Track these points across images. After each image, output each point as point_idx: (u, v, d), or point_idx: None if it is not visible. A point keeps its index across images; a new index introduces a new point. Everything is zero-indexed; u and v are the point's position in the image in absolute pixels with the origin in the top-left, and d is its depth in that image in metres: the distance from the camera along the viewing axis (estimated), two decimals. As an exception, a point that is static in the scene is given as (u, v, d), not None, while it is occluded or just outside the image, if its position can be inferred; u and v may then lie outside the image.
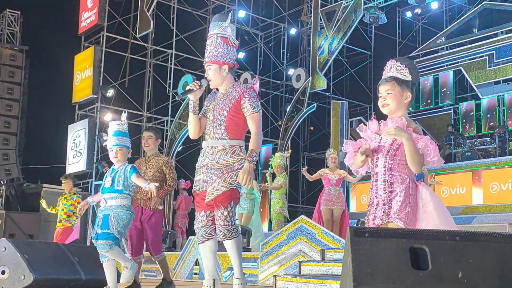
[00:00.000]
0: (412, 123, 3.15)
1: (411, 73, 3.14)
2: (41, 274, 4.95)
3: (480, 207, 10.10)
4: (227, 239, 4.00)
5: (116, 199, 4.64)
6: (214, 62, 4.11)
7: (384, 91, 3.15)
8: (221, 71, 4.12)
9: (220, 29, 4.18)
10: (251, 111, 4.02)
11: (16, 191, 16.13)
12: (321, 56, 15.29)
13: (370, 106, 17.52)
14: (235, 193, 4.04)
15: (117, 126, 4.84)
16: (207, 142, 4.12)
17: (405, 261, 2.21)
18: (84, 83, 14.73)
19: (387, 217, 3.00)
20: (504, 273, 2.25)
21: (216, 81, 4.14)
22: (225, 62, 4.11)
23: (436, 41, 16.20)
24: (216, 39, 4.17)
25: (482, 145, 13.09)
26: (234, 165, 4.02)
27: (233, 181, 4.00)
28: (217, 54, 4.12)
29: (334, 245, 7.09)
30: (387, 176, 3.06)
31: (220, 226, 3.99)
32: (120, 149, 4.75)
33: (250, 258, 8.34)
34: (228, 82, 4.16)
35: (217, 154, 4.04)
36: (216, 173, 4.03)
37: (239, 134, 4.10)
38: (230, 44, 4.17)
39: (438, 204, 3.01)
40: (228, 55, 4.14)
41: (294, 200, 17.56)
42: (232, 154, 4.03)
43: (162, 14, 15.70)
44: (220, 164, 4.03)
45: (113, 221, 4.59)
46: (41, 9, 16.74)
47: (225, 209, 3.99)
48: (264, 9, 18.08)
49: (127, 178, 4.67)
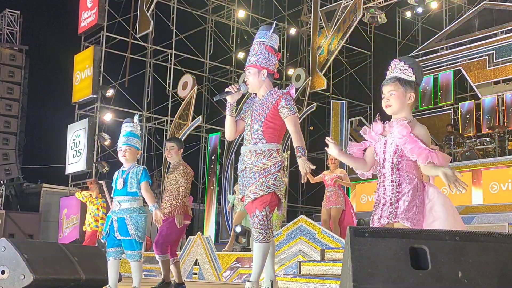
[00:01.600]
0: (417, 126, 3.09)
1: (414, 73, 3.11)
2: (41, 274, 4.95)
3: (479, 207, 10.10)
4: (257, 241, 4.08)
5: (130, 201, 4.67)
6: (254, 66, 4.24)
7: (387, 91, 3.12)
8: (260, 76, 4.23)
9: (264, 37, 4.32)
10: (287, 114, 4.12)
11: (16, 191, 16.14)
12: (321, 56, 15.29)
13: (370, 106, 17.52)
14: (271, 197, 4.11)
15: (129, 127, 4.86)
16: (246, 147, 4.24)
17: (405, 261, 2.22)
18: (84, 83, 14.73)
19: (394, 217, 2.99)
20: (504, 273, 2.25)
21: (254, 85, 4.26)
22: (264, 67, 4.23)
23: (436, 41, 16.20)
24: (259, 46, 4.30)
25: (481, 145, 13.09)
26: (270, 169, 4.11)
27: (271, 184, 4.09)
28: (257, 59, 4.25)
29: (334, 245, 7.10)
30: (394, 177, 3.06)
31: (254, 228, 4.09)
32: (129, 148, 4.76)
33: (250, 258, 8.34)
34: (266, 87, 4.26)
35: (255, 157, 4.15)
36: (254, 177, 4.14)
37: (276, 138, 4.21)
38: (272, 52, 4.30)
39: (446, 202, 2.99)
40: (268, 62, 4.27)
41: (294, 200, 17.56)
42: (269, 157, 4.13)
43: (162, 14, 15.70)
44: (257, 167, 4.13)
45: (131, 226, 4.62)
46: (41, 9, 16.77)
47: (260, 212, 4.07)
48: (263, 9, 18.08)
49: (139, 181, 4.70)
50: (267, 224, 4.09)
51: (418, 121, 3.18)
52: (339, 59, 17.35)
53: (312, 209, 16.34)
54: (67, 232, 14.30)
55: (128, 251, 4.64)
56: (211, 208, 14.82)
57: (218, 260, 8.89)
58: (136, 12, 15.08)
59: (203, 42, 17.25)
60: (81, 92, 14.83)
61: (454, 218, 2.97)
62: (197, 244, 9.27)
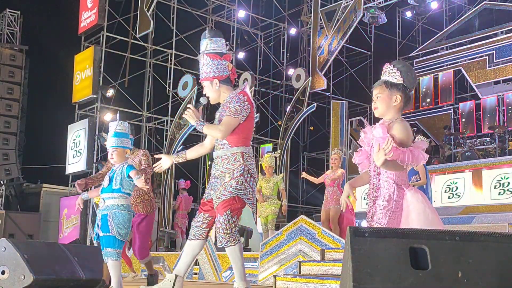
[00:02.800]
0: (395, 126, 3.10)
1: (402, 75, 3.17)
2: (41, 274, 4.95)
3: (480, 207, 10.10)
4: (222, 245, 4.14)
5: (114, 198, 4.60)
6: (205, 79, 4.29)
7: (375, 94, 3.21)
8: (213, 86, 4.27)
9: (204, 47, 4.32)
10: (225, 114, 4.15)
11: (16, 191, 16.13)
12: (321, 56, 15.29)
13: (370, 106, 17.45)
14: (233, 201, 4.13)
15: (115, 127, 4.83)
16: (214, 153, 4.31)
17: (405, 261, 2.22)
18: (84, 83, 14.72)
19: (371, 219, 3.09)
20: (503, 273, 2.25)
21: (213, 97, 4.32)
22: (214, 77, 4.25)
23: (436, 41, 16.20)
24: (203, 57, 4.31)
25: (482, 145, 13.08)
26: (234, 173, 4.15)
27: (233, 188, 4.12)
28: (206, 71, 4.27)
29: (334, 245, 7.10)
30: (375, 180, 3.16)
31: (219, 234, 4.12)
32: (116, 150, 4.73)
33: (250, 258, 8.35)
34: (226, 93, 4.28)
35: (221, 163, 4.21)
36: (220, 182, 4.19)
37: (240, 141, 4.21)
38: (217, 58, 4.29)
39: (421, 211, 3.02)
40: (217, 69, 4.27)
41: (294, 200, 17.56)
42: (233, 162, 4.17)
43: (162, 14, 15.70)
44: (223, 173, 4.19)
45: (112, 222, 4.53)
46: (41, 9, 16.77)
47: (221, 217, 4.11)
48: (264, 9, 18.07)
49: (125, 177, 4.63)
50: (230, 228, 4.12)
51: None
52: (339, 59, 17.35)
53: (312, 209, 16.34)
54: (67, 232, 14.30)
55: (106, 249, 4.52)
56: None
57: (218, 260, 8.89)
58: (136, 12, 15.07)
59: (203, 42, 17.22)
60: (81, 92, 14.83)
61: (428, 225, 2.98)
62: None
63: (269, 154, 10.38)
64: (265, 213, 9.83)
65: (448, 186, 10.80)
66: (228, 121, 4.12)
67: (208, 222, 4.25)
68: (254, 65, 17.81)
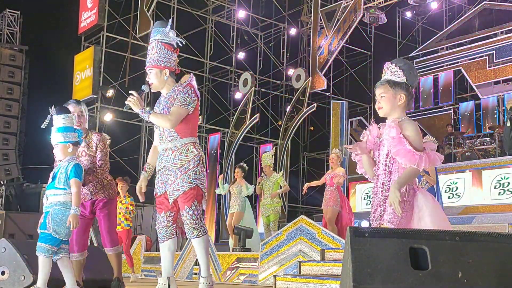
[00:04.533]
0: (406, 124, 3.11)
1: (405, 74, 3.16)
2: (41, 274, 4.94)
3: (479, 207, 10.09)
4: (194, 237, 4.12)
5: (56, 195, 4.44)
6: (155, 66, 4.22)
7: (378, 94, 3.19)
8: (162, 75, 4.23)
9: (162, 35, 4.26)
10: (175, 104, 4.13)
11: (16, 191, 16.13)
12: (321, 56, 15.29)
13: (370, 106, 17.52)
14: (196, 191, 4.13)
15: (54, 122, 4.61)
16: (162, 145, 4.23)
17: (405, 261, 2.22)
18: (84, 83, 14.73)
19: (381, 218, 3.06)
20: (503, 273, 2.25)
21: (157, 85, 4.26)
22: (165, 66, 4.22)
23: (436, 41, 16.20)
24: (157, 44, 4.25)
25: (481, 145, 13.09)
26: (189, 164, 4.13)
27: (192, 179, 4.11)
28: (158, 59, 4.22)
29: (334, 245, 7.10)
30: (385, 180, 3.12)
31: (188, 225, 4.12)
32: (56, 146, 4.61)
33: (250, 258, 8.35)
34: (170, 85, 4.27)
35: (172, 155, 4.16)
36: (174, 174, 4.13)
37: (189, 131, 4.21)
38: (171, 49, 4.27)
39: (434, 211, 3.02)
40: (169, 60, 4.25)
41: (294, 200, 17.56)
42: (186, 153, 4.15)
43: (162, 14, 15.70)
44: (176, 164, 4.14)
45: (50, 219, 4.40)
46: (41, 9, 16.75)
47: (190, 208, 4.10)
48: (264, 9, 18.08)
49: (68, 177, 4.45)
50: (199, 218, 4.14)
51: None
52: (339, 59, 17.35)
53: (312, 209, 16.34)
54: (67, 232, 14.29)
55: (39, 243, 4.38)
56: (211, 208, 14.82)
57: (218, 260, 8.89)
58: (136, 12, 15.08)
59: (203, 42, 17.25)
60: (81, 92, 14.83)
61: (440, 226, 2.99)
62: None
63: (266, 153, 10.37)
64: (266, 213, 9.83)
65: (448, 186, 10.80)
66: (177, 111, 4.10)
67: (172, 219, 4.22)
68: (254, 65, 17.80)
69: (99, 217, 5.06)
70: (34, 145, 16.77)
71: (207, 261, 4.20)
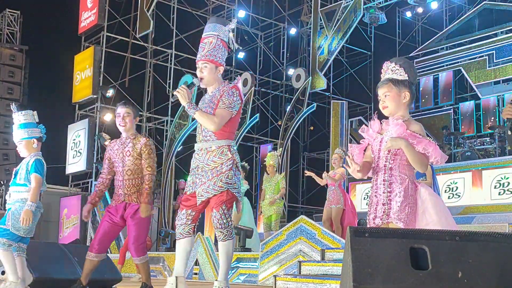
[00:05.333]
0: (412, 123, 3.16)
1: (406, 71, 3.17)
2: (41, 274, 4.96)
3: (480, 207, 10.09)
4: (220, 240, 4.10)
5: (19, 192, 4.45)
6: (211, 61, 4.17)
7: (382, 93, 3.19)
8: (216, 72, 4.20)
9: (221, 32, 4.23)
10: (220, 105, 4.07)
11: (16, 191, 16.12)
12: (321, 56, 15.28)
13: (370, 106, 17.52)
14: (226, 195, 4.08)
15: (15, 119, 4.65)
16: (197, 144, 4.20)
17: (405, 261, 2.22)
18: (84, 83, 14.72)
19: (387, 217, 3.03)
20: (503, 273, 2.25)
21: (209, 80, 4.21)
22: (221, 64, 4.21)
23: (436, 41, 16.19)
24: (217, 40, 4.20)
25: (482, 145, 13.08)
26: (222, 167, 4.07)
27: (224, 183, 4.05)
28: (216, 54, 4.17)
29: (334, 245, 7.10)
30: (386, 176, 3.10)
31: (217, 229, 4.09)
32: (20, 143, 4.61)
33: (250, 258, 8.35)
34: (218, 83, 4.22)
35: (206, 155, 4.10)
36: (206, 175, 4.08)
37: (226, 134, 4.14)
38: (226, 47, 4.27)
39: (437, 203, 3.04)
40: (223, 58, 4.24)
41: (294, 200, 17.56)
42: (220, 155, 4.09)
43: (162, 14, 15.69)
44: (209, 166, 4.08)
45: (10, 215, 4.38)
46: (41, 9, 16.74)
47: (217, 212, 4.06)
48: (264, 9, 18.07)
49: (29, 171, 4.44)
50: (227, 222, 4.09)
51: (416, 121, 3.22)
52: (339, 59, 17.35)
53: (312, 209, 16.34)
54: (67, 232, 14.30)
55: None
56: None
57: (218, 260, 8.88)
58: (136, 12, 15.07)
59: (203, 42, 17.23)
60: (81, 92, 14.83)
61: (446, 219, 3.00)
62: (197, 244, 9.27)
63: (271, 153, 10.39)
64: (268, 213, 9.83)
65: (448, 186, 10.80)
66: (222, 114, 4.06)
67: (193, 218, 4.18)
68: (254, 65, 17.80)
69: (129, 225, 4.81)
70: (34, 145, 16.74)
71: (227, 266, 4.15)
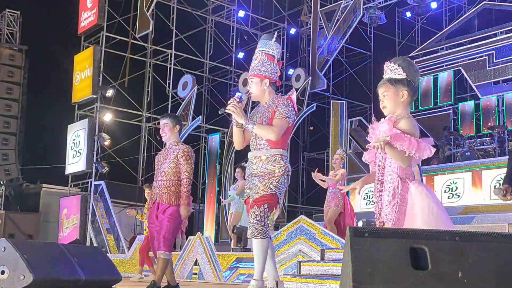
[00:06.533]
0: (403, 120, 3.13)
1: (404, 70, 3.20)
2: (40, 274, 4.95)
3: (479, 207, 10.10)
4: (253, 237, 4.17)
5: None
6: (256, 75, 4.39)
7: (381, 93, 3.23)
8: (262, 85, 4.38)
9: (266, 46, 4.44)
10: (278, 117, 4.25)
11: (15, 191, 16.14)
12: (320, 56, 15.29)
13: (369, 106, 17.52)
14: (272, 197, 4.23)
15: None
16: (252, 153, 4.38)
17: (405, 261, 2.21)
18: (83, 83, 14.72)
19: (379, 216, 3.10)
20: (503, 273, 2.25)
21: (257, 94, 4.41)
22: (266, 76, 4.38)
23: (436, 41, 16.20)
24: (261, 55, 4.43)
25: (481, 145, 13.08)
26: (275, 172, 4.25)
27: (273, 186, 4.22)
28: (260, 68, 4.40)
29: (333, 245, 7.10)
30: (379, 175, 3.17)
31: (250, 223, 4.18)
32: None
33: (249, 258, 8.34)
34: (269, 95, 4.41)
35: (260, 163, 4.29)
36: (259, 180, 4.27)
37: (279, 144, 4.31)
38: (273, 61, 4.44)
39: (426, 206, 3.00)
40: (271, 71, 4.42)
41: (294, 200, 17.56)
42: (273, 163, 4.27)
43: (162, 14, 15.70)
44: (263, 172, 4.27)
45: None
46: (40, 9, 16.76)
47: (258, 209, 4.17)
48: (263, 9, 18.07)
49: None
50: (264, 220, 4.17)
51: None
52: (339, 59, 17.35)
53: (312, 209, 16.34)
54: (67, 232, 14.30)
55: None
56: (211, 208, 14.82)
57: (218, 260, 8.89)
58: (136, 12, 15.08)
59: (203, 42, 17.25)
60: (81, 92, 14.83)
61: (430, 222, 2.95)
62: (197, 244, 9.27)
63: None
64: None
65: (448, 186, 10.80)
66: (280, 124, 4.24)
67: None
68: (253, 65, 17.79)
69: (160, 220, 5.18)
70: (33, 145, 16.78)
71: (260, 264, 4.20)
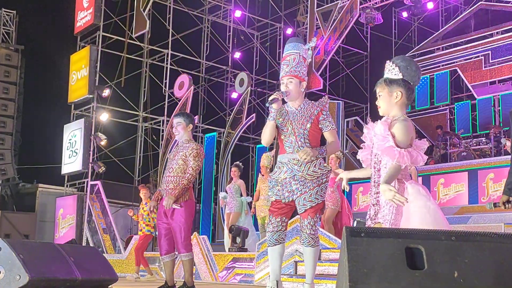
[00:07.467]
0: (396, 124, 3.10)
1: (401, 71, 3.18)
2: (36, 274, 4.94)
3: (475, 207, 10.12)
4: (309, 246, 4.32)
5: None
6: (296, 76, 4.47)
7: (377, 93, 3.23)
8: (300, 86, 4.51)
9: (302, 51, 4.55)
10: (330, 127, 4.46)
11: (11, 191, 16.09)
12: (317, 56, 15.29)
13: (366, 106, 17.54)
14: (322, 204, 4.40)
15: None
16: (291, 155, 4.39)
17: (401, 261, 2.22)
18: (80, 83, 14.69)
19: (375, 217, 3.09)
20: (499, 273, 2.25)
21: (295, 95, 4.49)
22: (304, 79, 4.52)
23: (432, 41, 16.23)
24: (299, 57, 4.51)
25: (477, 145, 13.12)
26: (322, 178, 4.37)
27: (322, 193, 4.37)
28: (299, 70, 4.49)
29: (330, 245, 7.11)
30: (375, 177, 3.15)
31: (306, 234, 4.31)
32: None
33: (246, 258, 8.35)
34: (302, 98, 4.56)
35: (306, 166, 4.34)
36: (307, 185, 4.32)
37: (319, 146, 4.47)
38: (306, 66, 4.59)
39: (423, 205, 2.99)
40: (306, 75, 4.56)
41: (290, 200, 17.55)
42: (320, 166, 4.38)
43: (158, 14, 15.68)
44: (310, 175, 4.33)
45: None
46: (36, 8, 16.73)
47: (312, 219, 4.31)
48: (260, 9, 18.07)
49: None
50: (317, 229, 4.38)
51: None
52: (335, 59, 17.36)
53: (308, 209, 16.33)
54: (63, 232, 14.28)
55: None
56: (207, 209, 14.81)
57: (214, 260, 8.88)
58: (132, 12, 15.06)
59: (199, 42, 17.23)
60: (77, 92, 14.80)
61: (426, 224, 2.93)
62: (193, 244, 9.26)
63: (266, 154, 10.39)
64: (262, 214, 9.82)
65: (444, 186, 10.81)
66: (335, 135, 4.52)
67: (286, 224, 4.44)
68: (250, 65, 17.80)
69: (170, 223, 5.29)
70: (30, 145, 16.74)
71: (314, 269, 4.43)
